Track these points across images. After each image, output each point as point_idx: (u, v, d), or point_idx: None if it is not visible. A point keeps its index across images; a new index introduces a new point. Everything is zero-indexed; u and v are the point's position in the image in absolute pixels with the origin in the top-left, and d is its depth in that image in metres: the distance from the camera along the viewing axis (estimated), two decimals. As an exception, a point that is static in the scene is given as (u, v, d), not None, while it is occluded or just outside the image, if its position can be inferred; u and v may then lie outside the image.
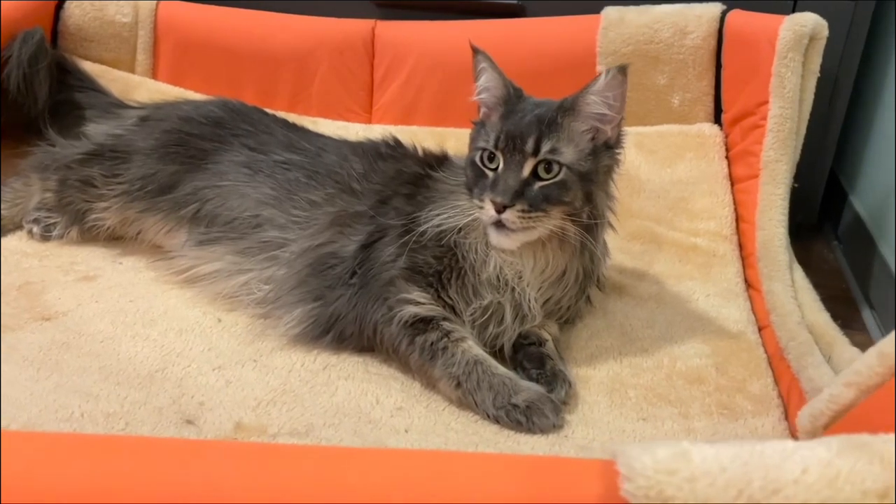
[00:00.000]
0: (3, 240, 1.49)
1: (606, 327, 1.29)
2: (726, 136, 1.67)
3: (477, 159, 1.16)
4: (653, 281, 1.41)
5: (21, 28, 1.69)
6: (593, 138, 1.15)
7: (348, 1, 1.96)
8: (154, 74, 1.94)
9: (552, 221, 1.12)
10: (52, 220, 1.50)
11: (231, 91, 1.88)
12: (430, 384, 1.14)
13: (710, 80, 1.69)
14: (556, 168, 1.11)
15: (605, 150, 1.16)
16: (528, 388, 1.08)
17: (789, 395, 1.15)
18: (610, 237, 1.28)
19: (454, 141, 1.75)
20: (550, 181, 1.11)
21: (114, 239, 1.50)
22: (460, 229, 1.17)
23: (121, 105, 1.70)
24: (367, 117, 1.92)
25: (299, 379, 1.15)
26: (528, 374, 1.13)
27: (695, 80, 1.69)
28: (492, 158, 1.15)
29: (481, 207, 1.13)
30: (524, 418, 1.05)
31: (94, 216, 1.45)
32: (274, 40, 1.89)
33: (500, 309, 1.17)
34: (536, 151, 1.11)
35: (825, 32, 1.50)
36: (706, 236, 1.51)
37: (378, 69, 1.90)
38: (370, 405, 1.10)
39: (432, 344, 1.12)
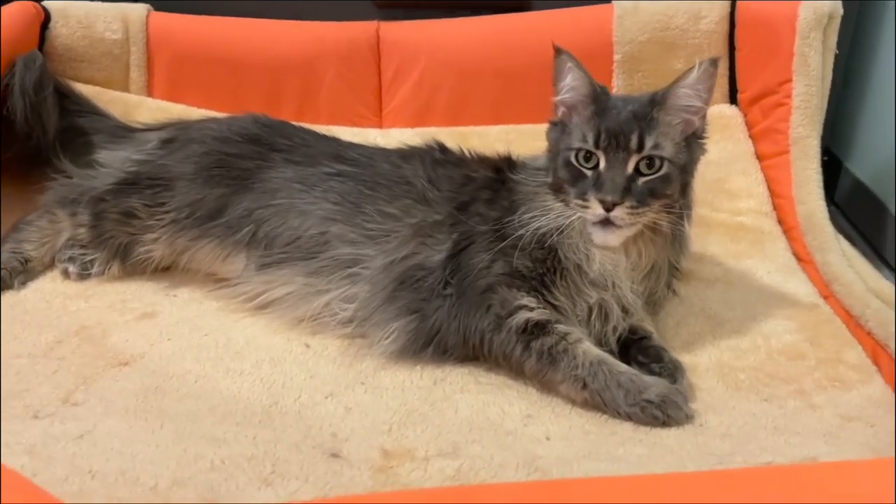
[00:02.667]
0: (35, 283, 1.39)
1: (689, 313, 1.32)
2: (744, 116, 1.73)
3: (573, 159, 1.16)
4: (713, 262, 1.45)
5: (7, 53, 1.56)
6: (683, 130, 1.17)
7: (346, 3, 1.93)
8: (150, 92, 1.84)
9: (651, 215, 1.14)
10: (90, 257, 1.41)
11: (234, 104, 1.81)
12: (549, 388, 1.14)
13: (724, 63, 1.74)
14: (657, 163, 1.13)
15: (694, 140, 1.18)
16: (656, 383, 1.09)
17: (876, 361, 1.21)
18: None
19: (477, 140, 1.75)
20: (654, 175, 1.12)
21: (157, 271, 1.42)
22: (561, 230, 1.17)
23: (130, 128, 1.60)
24: (378, 121, 1.89)
25: (416, 397, 1.13)
26: (648, 368, 1.14)
27: (710, 63, 1.74)
28: (588, 157, 1.15)
29: (585, 207, 1.13)
30: (660, 412, 1.06)
31: (142, 249, 1.37)
32: (276, 48, 1.83)
33: (605, 306, 1.18)
34: (641, 147, 1.12)
35: (841, 11, 1.57)
36: (749, 215, 1.56)
37: (386, 72, 1.86)
38: (498, 416, 1.09)
39: (550, 348, 1.11)
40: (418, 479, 0.95)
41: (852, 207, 1.92)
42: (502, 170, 1.31)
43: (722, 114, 1.72)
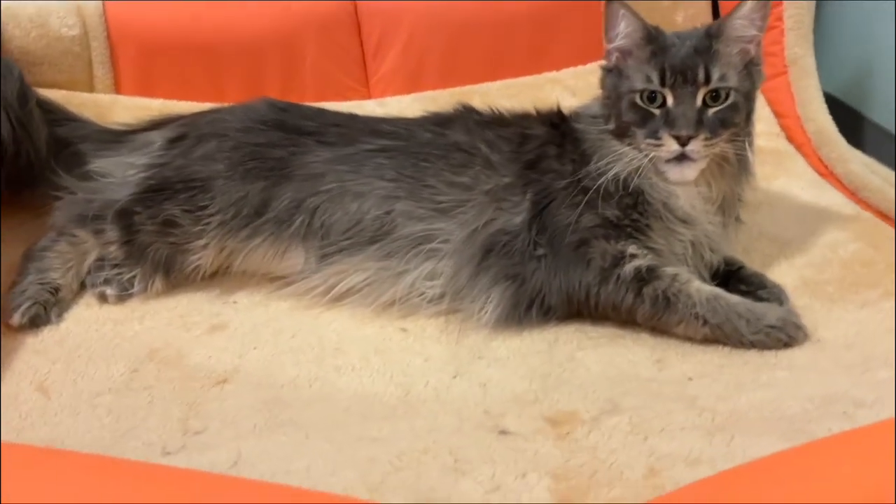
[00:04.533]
0: (71, 313, 1.26)
1: (751, 238, 1.36)
2: (731, 43, 1.78)
3: (638, 100, 1.16)
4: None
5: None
6: (741, 59, 1.19)
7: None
8: (117, 89, 1.70)
9: (721, 145, 1.17)
10: (128, 275, 1.29)
11: (213, 92, 1.71)
12: (662, 330, 1.15)
13: (706, -9, 1.79)
14: (724, 93, 1.15)
15: (753, 66, 1.20)
16: (770, 308, 1.13)
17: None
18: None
19: (479, 98, 1.71)
20: (722, 106, 1.14)
21: (201, 280, 1.31)
22: (639, 173, 1.17)
23: (117, 131, 1.47)
24: (366, 92, 1.82)
25: (540, 361, 1.11)
26: (754, 295, 1.18)
27: (695, -6, 1.78)
28: (653, 97, 1.15)
29: (658, 145, 1.14)
30: (783, 335, 1.10)
31: (192, 257, 1.27)
32: (249, 28, 1.73)
33: (696, 241, 1.20)
34: (708, 80, 1.13)
35: (821, -72, 1.64)
36: (762, 137, 1.61)
37: (369, 39, 1.79)
38: (630, 366, 1.10)
39: (665, 291, 1.12)
40: (601, 440, 0.94)
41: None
42: (558, 123, 1.30)
43: (712, 43, 1.76)
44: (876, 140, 1.80)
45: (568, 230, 1.18)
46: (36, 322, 1.22)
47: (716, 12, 1.80)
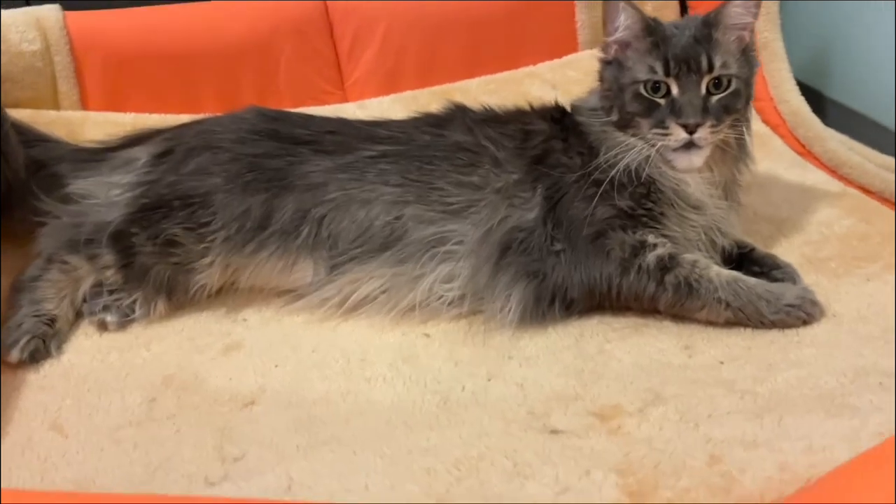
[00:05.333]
0: (70, 343, 1.20)
1: (748, 220, 1.38)
2: (699, 30, 1.82)
3: (642, 91, 1.17)
4: (736, 170, 1.53)
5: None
6: (737, 46, 1.21)
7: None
8: (84, 105, 1.62)
9: (724, 132, 1.19)
10: (128, 300, 1.23)
11: (186, 102, 1.66)
12: (684, 316, 1.16)
13: (672, -20, 1.82)
14: (726, 81, 1.17)
15: (749, 53, 1.23)
16: (787, 287, 1.16)
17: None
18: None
19: (460, 96, 1.70)
20: (725, 93, 1.17)
21: (204, 300, 1.26)
22: (649, 163, 1.18)
23: (94, 150, 1.40)
24: (342, 95, 1.79)
25: (571, 357, 1.11)
26: (768, 276, 1.20)
27: (662, -16, 1.81)
28: (657, 88, 1.17)
29: (665, 135, 1.16)
30: (803, 313, 1.13)
31: (198, 276, 1.22)
32: (222, 34, 1.69)
33: (707, 227, 1.22)
34: (711, 68, 1.15)
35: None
36: (739, 120, 1.66)
37: (342, 41, 1.77)
38: (660, 355, 1.11)
39: (686, 278, 1.14)
40: (654, 431, 0.95)
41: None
42: (560, 118, 1.30)
43: (682, 31, 1.79)
44: (838, 117, 1.87)
45: (584, 223, 1.19)
46: (36, 357, 1.15)
47: (682, 2, 1.84)
